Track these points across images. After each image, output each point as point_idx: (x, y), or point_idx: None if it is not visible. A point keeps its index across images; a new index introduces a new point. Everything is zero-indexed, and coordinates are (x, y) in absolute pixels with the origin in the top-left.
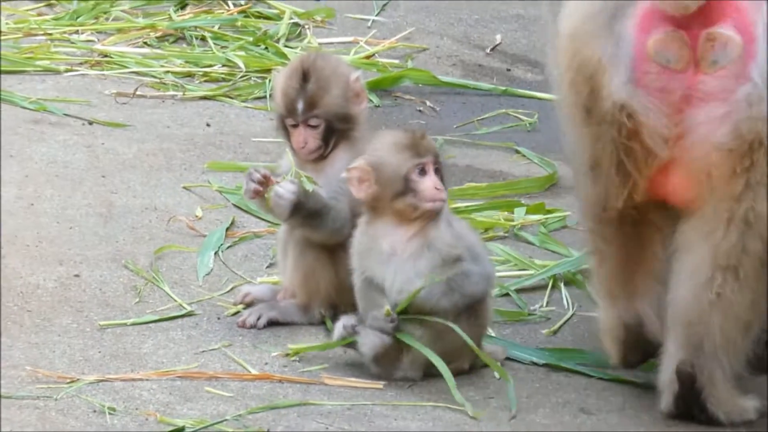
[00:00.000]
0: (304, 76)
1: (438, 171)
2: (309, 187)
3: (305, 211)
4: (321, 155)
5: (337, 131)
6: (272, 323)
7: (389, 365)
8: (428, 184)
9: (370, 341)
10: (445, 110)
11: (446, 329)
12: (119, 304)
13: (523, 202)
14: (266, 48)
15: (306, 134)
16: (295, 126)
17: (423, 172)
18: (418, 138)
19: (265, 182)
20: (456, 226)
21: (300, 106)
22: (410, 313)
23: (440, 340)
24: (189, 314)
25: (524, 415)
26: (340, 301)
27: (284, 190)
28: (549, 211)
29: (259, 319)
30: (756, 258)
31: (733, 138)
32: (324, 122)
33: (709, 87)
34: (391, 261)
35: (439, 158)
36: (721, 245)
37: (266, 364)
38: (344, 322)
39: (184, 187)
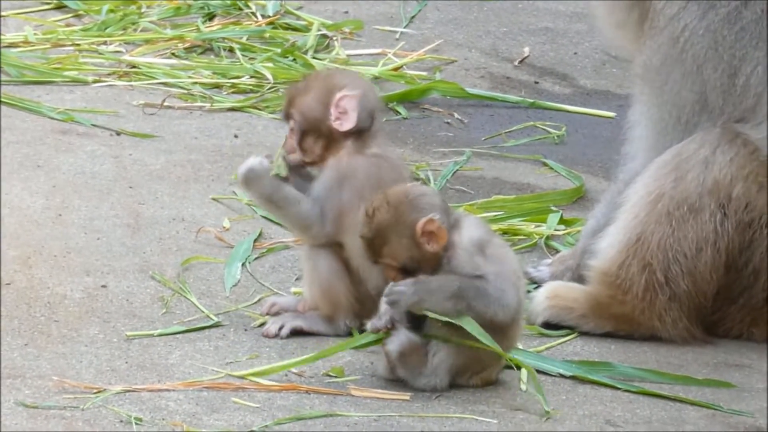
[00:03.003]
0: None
1: None
2: (283, 172)
3: (258, 192)
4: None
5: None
6: (298, 333)
7: (414, 368)
8: None
9: (397, 339)
10: (473, 122)
11: (473, 339)
12: (146, 314)
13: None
14: (294, 60)
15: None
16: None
17: None
18: None
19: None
20: (490, 252)
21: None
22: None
23: (467, 348)
24: (216, 325)
25: (551, 427)
26: (364, 311)
27: (243, 164)
28: (571, 222)
29: (281, 328)
30: None
31: None
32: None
33: None
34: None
35: None
36: None
37: (293, 374)
38: (375, 321)
39: (212, 199)
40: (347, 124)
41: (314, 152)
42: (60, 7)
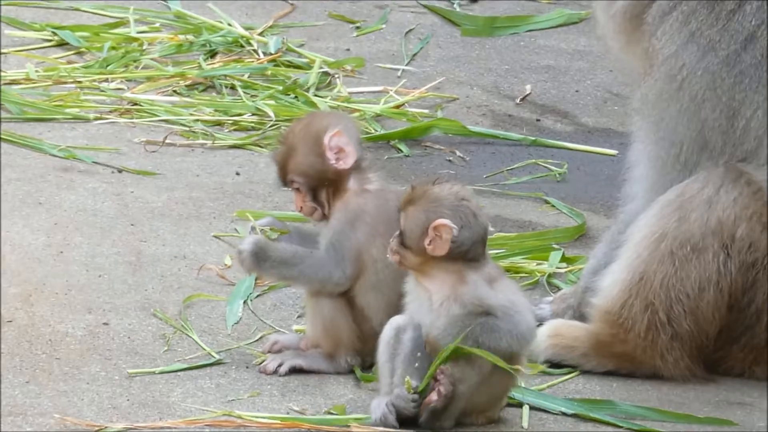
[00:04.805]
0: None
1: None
2: (272, 235)
3: (272, 261)
4: (323, 215)
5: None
6: (298, 371)
7: (433, 417)
8: None
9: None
10: (474, 160)
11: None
12: (148, 352)
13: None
14: (296, 97)
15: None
16: None
17: None
18: None
19: None
20: (497, 285)
21: None
22: (432, 352)
23: (477, 387)
24: (218, 363)
25: None
26: (366, 349)
27: (243, 244)
28: (573, 260)
29: (280, 365)
30: None
31: None
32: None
33: None
34: (429, 308)
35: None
36: None
37: (295, 411)
38: (383, 410)
39: (214, 236)
40: (349, 158)
41: (328, 201)
42: (61, 44)
